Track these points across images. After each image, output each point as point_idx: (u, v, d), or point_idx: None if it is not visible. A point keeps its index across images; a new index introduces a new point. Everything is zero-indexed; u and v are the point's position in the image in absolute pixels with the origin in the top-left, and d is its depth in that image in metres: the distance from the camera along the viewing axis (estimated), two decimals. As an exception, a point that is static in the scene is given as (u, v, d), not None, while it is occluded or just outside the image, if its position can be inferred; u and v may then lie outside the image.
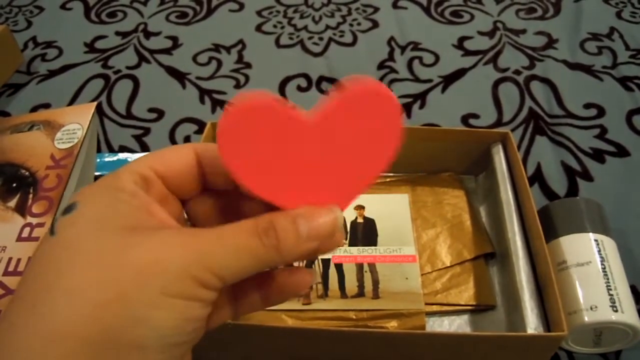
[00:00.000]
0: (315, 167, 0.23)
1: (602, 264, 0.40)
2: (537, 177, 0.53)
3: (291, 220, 0.22)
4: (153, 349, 0.20)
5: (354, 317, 0.41)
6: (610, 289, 0.39)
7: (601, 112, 0.60)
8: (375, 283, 0.43)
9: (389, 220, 0.46)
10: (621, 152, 0.56)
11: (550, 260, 0.37)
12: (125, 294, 0.20)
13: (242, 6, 0.79)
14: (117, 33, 0.74)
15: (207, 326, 0.24)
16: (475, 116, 0.60)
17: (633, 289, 0.44)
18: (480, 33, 0.72)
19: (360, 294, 0.42)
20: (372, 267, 0.44)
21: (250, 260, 0.21)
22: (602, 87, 0.63)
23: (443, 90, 0.64)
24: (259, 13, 0.77)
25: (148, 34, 0.74)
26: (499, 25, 0.73)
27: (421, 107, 0.62)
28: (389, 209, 0.47)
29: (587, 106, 0.61)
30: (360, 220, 0.47)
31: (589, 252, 0.41)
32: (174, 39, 0.73)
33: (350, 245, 0.45)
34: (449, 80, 0.65)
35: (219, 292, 0.21)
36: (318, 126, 0.23)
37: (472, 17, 0.75)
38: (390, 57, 0.69)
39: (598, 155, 0.55)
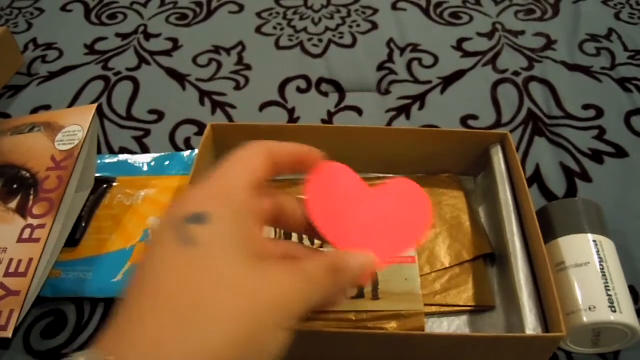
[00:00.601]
0: (368, 226, 0.31)
1: (600, 265, 0.40)
2: (536, 178, 0.54)
3: (346, 259, 0.27)
4: None
5: (353, 318, 0.41)
6: (609, 290, 0.39)
7: (600, 113, 0.60)
8: (375, 284, 0.43)
9: None
10: (620, 153, 0.56)
11: (549, 261, 0.38)
12: (257, 327, 0.22)
13: (242, 8, 0.79)
14: (118, 35, 0.74)
15: None
16: (474, 117, 0.60)
17: (632, 289, 0.44)
18: (479, 34, 0.72)
19: (360, 295, 0.42)
20: None
21: (325, 295, 0.26)
22: (601, 88, 0.64)
23: (442, 91, 0.64)
24: (258, 15, 0.77)
25: (148, 36, 0.74)
26: (498, 26, 0.74)
27: (420, 108, 0.62)
28: None
29: (586, 107, 0.61)
30: None
31: (588, 252, 0.41)
32: (174, 40, 0.73)
33: None
34: (448, 81, 0.65)
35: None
36: (376, 195, 0.32)
37: (471, 18, 0.75)
38: (390, 58, 0.69)
39: (597, 156, 0.56)
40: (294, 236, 0.45)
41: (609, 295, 0.39)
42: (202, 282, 0.22)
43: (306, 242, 0.44)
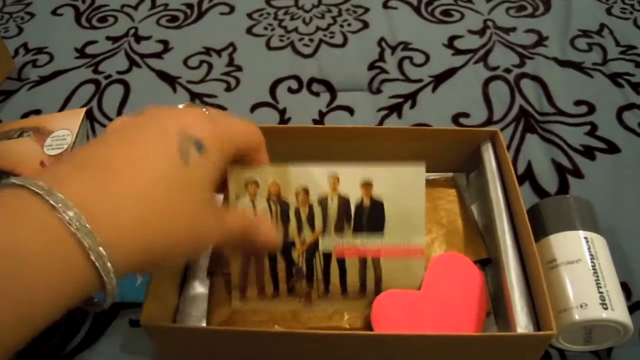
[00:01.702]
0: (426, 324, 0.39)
1: (592, 262, 0.40)
2: (528, 175, 0.53)
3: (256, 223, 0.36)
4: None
5: (347, 326, 0.41)
6: (600, 287, 0.39)
7: (591, 109, 0.60)
8: (378, 280, 0.41)
9: (399, 201, 0.39)
10: (612, 148, 0.56)
11: (540, 258, 0.37)
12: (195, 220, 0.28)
13: (232, 9, 0.79)
14: (108, 38, 0.74)
15: None
16: (466, 115, 0.60)
17: (623, 286, 0.44)
18: (471, 32, 0.72)
19: (362, 290, 0.41)
20: (376, 263, 0.40)
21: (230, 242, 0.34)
22: (593, 83, 0.64)
23: (433, 89, 0.64)
24: (249, 15, 0.77)
25: (139, 38, 0.74)
26: (489, 23, 0.73)
27: (412, 107, 0.62)
28: (401, 185, 0.40)
29: (578, 103, 0.61)
30: (366, 202, 0.39)
31: (579, 249, 0.41)
32: (165, 42, 0.73)
33: (354, 230, 0.40)
34: (439, 79, 0.65)
35: None
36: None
37: (463, 16, 0.75)
38: (381, 57, 0.69)
39: (588, 152, 0.55)
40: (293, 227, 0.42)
41: (600, 292, 0.38)
42: (182, 193, 0.27)
43: (305, 234, 0.43)
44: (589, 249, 0.41)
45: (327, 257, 0.40)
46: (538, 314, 0.37)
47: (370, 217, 0.39)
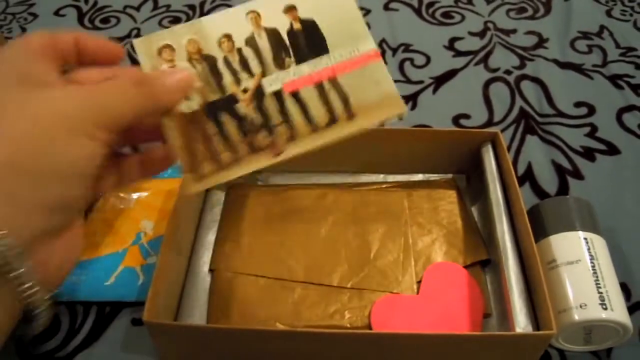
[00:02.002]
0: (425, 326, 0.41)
1: (591, 262, 0.40)
2: (528, 176, 0.54)
3: (157, 75, 0.30)
4: (64, 176, 0.26)
5: (348, 325, 0.41)
6: (600, 287, 0.39)
7: (591, 110, 0.61)
8: (345, 100, 0.34)
9: (330, 12, 0.35)
10: (612, 150, 0.56)
11: (540, 259, 0.38)
12: (42, 135, 0.25)
13: (234, 10, 0.79)
14: (111, 38, 0.74)
15: (97, 189, 0.30)
16: (467, 116, 0.60)
17: (623, 286, 0.44)
18: (471, 34, 0.72)
19: (333, 119, 0.34)
20: (334, 82, 0.34)
21: (132, 105, 0.28)
22: (593, 85, 0.64)
23: (434, 91, 0.64)
24: (251, 17, 0.77)
25: (141, 39, 0.74)
26: (490, 25, 0.74)
27: (413, 108, 0.62)
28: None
29: (578, 105, 0.61)
30: (297, 25, 0.34)
31: (579, 250, 0.41)
32: (167, 43, 0.73)
33: (298, 62, 0.34)
34: (440, 81, 0.65)
35: (113, 135, 0.27)
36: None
37: (463, 17, 0.75)
38: (382, 58, 0.69)
39: (588, 154, 0.56)
40: (228, 79, 0.34)
41: (599, 292, 0.39)
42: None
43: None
44: (588, 249, 0.41)
45: (278, 96, 0.34)
46: (538, 314, 0.37)
47: (307, 40, 0.35)
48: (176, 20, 0.77)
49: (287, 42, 0.34)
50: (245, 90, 0.34)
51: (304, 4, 0.35)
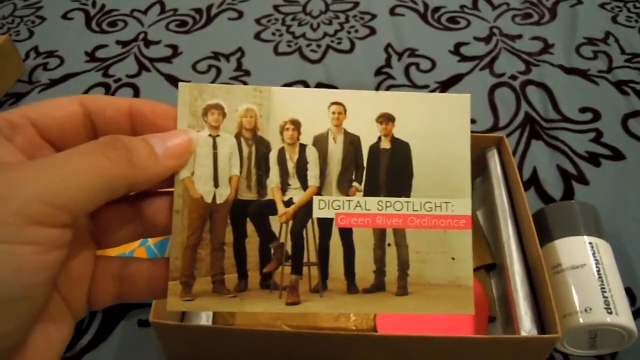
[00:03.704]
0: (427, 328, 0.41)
1: (596, 267, 0.40)
2: (533, 181, 0.54)
3: (142, 139, 0.22)
4: None
5: (353, 327, 0.41)
6: (605, 292, 0.39)
7: (597, 116, 0.61)
8: (404, 266, 0.25)
9: (433, 145, 0.26)
10: (616, 155, 0.56)
11: (545, 263, 0.38)
12: None
13: (241, 14, 0.79)
14: (118, 42, 0.75)
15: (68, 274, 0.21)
16: (472, 121, 0.61)
17: (628, 291, 0.44)
18: (477, 39, 0.73)
19: (378, 286, 0.25)
20: (400, 236, 0.25)
21: (96, 180, 0.19)
22: (598, 91, 0.64)
23: (440, 95, 0.64)
24: (257, 21, 0.78)
25: (148, 43, 0.75)
26: (495, 30, 0.74)
27: (418, 112, 0.62)
28: (437, 122, 0.26)
29: (583, 110, 0.61)
30: (385, 145, 0.26)
31: (584, 255, 0.41)
32: (174, 47, 0.74)
33: (366, 193, 0.25)
34: (445, 85, 0.66)
35: (69, 228, 0.19)
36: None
37: (469, 23, 0.76)
38: (388, 63, 0.69)
39: (593, 159, 0.56)
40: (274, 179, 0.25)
41: (604, 297, 0.39)
42: None
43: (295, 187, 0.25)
44: (593, 254, 0.41)
45: (325, 227, 0.25)
46: (543, 317, 0.37)
47: (391, 167, 0.26)
48: (183, 24, 0.78)
49: (365, 160, 0.26)
50: (288, 203, 0.25)
51: (406, 120, 0.26)
